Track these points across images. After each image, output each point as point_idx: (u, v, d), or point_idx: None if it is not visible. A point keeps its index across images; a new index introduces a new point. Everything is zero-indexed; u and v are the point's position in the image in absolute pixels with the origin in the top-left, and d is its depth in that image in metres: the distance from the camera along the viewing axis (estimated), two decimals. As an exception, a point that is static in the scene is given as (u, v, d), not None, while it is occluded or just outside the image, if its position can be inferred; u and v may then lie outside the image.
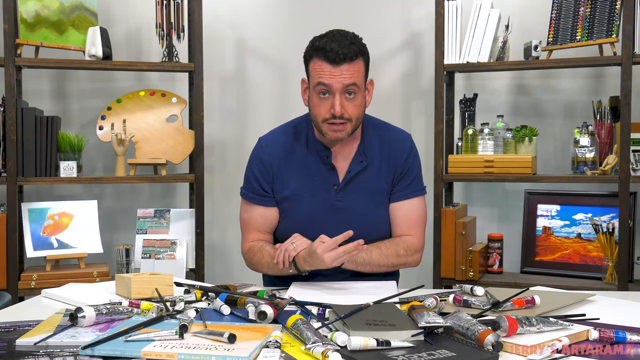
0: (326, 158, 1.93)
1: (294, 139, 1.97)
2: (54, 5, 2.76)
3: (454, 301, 1.52)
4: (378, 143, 1.97)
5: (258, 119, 3.26)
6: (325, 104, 1.83)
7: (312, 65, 1.85)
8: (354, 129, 1.89)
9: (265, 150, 1.98)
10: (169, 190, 3.23)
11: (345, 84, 1.80)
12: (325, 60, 1.80)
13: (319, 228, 1.82)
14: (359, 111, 1.86)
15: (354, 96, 1.83)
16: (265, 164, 1.97)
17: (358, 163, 1.94)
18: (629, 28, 2.57)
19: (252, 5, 3.27)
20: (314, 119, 1.89)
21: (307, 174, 1.94)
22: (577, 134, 2.76)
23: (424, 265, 3.15)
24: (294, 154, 1.96)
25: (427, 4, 2.98)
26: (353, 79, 1.80)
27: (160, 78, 3.17)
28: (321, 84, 1.81)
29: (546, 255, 2.91)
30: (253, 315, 1.42)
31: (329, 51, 1.79)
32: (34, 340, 1.26)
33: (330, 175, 1.93)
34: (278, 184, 1.96)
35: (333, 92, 1.81)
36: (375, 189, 1.95)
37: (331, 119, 1.83)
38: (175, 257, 2.73)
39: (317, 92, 1.83)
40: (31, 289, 2.61)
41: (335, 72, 1.79)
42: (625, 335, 1.27)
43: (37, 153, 2.68)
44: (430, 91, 2.95)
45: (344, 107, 1.81)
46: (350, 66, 1.80)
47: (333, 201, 1.93)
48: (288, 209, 1.96)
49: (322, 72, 1.80)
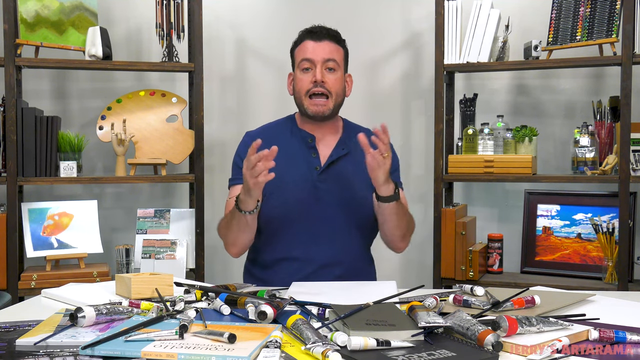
0: (310, 141, 2.07)
1: (279, 131, 2.13)
2: (54, 5, 2.76)
3: (454, 301, 1.52)
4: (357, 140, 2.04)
5: (258, 119, 3.25)
6: (307, 76, 2.02)
7: (298, 49, 2.07)
8: (335, 107, 2.04)
9: (250, 139, 2.08)
10: (169, 190, 3.23)
11: (325, 57, 2.00)
12: (309, 38, 2.04)
13: (301, 207, 1.98)
14: (338, 86, 2.03)
15: (334, 72, 2.02)
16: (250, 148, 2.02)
17: (340, 150, 2.07)
18: (629, 28, 2.57)
19: (252, 5, 3.27)
20: (297, 98, 2.06)
21: (290, 156, 2.03)
22: (577, 134, 2.76)
23: (424, 265, 3.15)
24: (278, 142, 1.97)
25: (427, 4, 2.98)
26: (333, 55, 2.02)
27: (160, 78, 3.17)
28: (305, 59, 2.02)
29: (546, 255, 2.91)
30: (253, 315, 1.42)
31: (311, 30, 2.05)
32: (34, 340, 1.26)
33: (313, 159, 2.05)
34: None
35: (315, 65, 2.00)
36: (356, 175, 2.03)
37: (313, 88, 2.00)
38: (175, 257, 2.73)
39: (301, 69, 2.04)
40: (31, 289, 2.61)
41: (317, 47, 2.02)
42: (625, 335, 1.27)
43: (37, 153, 2.68)
44: (430, 91, 2.95)
45: (324, 78, 2.00)
46: (331, 45, 2.03)
47: (315, 181, 2.02)
48: (271, 188, 1.96)
49: (306, 49, 2.03)
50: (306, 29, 2.08)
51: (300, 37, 2.09)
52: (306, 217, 2.00)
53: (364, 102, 3.17)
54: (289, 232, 2.01)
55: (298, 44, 2.08)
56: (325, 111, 2.02)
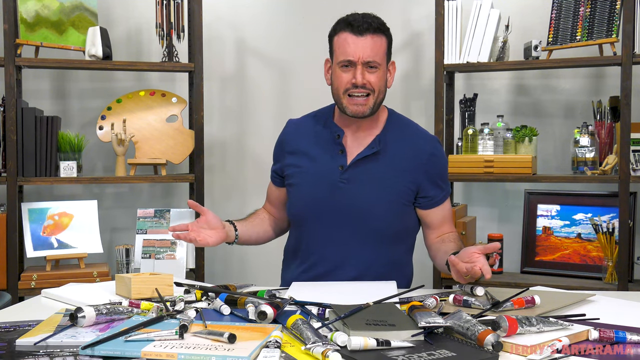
0: (337, 137, 1.93)
1: (315, 122, 2.01)
2: (54, 5, 2.76)
3: (454, 301, 1.52)
4: (400, 138, 1.95)
5: (258, 119, 3.26)
6: (347, 74, 1.86)
7: (336, 40, 1.88)
8: (375, 105, 1.88)
9: (286, 130, 2.05)
10: (169, 190, 3.23)
11: (366, 59, 1.83)
12: (349, 31, 1.85)
13: (320, 209, 1.90)
14: (380, 83, 1.87)
15: (375, 70, 1.86)
16: (283, 144, 2.04)
17: (369, 148, 1.91)
18: (629, 28, 2.57)
19: (252, 5, 3.27)
20: (335, 94, 1.91)
21: (318, 151, 1.95)
22: (577, 134, 2.76)
23: (424, 265, 3.15)
24: (313, 133, 1.99)
25: (427, 4, 2.98)
26: (374, 55, 1.84)
27: (160, 78, 3.17)
28: (345, 57, 1.85)
29: (546, 255, 2.91)
30: (253, 315, 1.42)
31: (352, 21, 1.85)
32: (34, 340, 1.26)
33: (339, 157, 1.92)
34: (289, 159, 2.00)
35: (355, 64, 1.84)
36: (384, 180, 1.90)
37: (352, 88, 1.85)
38: (175, 257, 2.73)
39: (340, 66, 1.87)
40: (31, 289, 2.61)
41: (358, 42, 1.83)
42: (625, 335, 1.27)
43: (37, 153, 2.68)
44: (430, 91, 2.95)
45: (365, 77, 1.84)
46: (373, 39, 1.85)
47: (337, 182, 1.91)
48: (297, 181, 1.97)
49: (346, 43, 1.85)
50: (345, 18, 1.88)
51: (339, 26, 1.89)
52: (321, 217, 1.92)
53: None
54: (306, 229, 1.96)
55: (336, 33, 1.89)
56: (365, 111, 1.87)
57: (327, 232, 1.92)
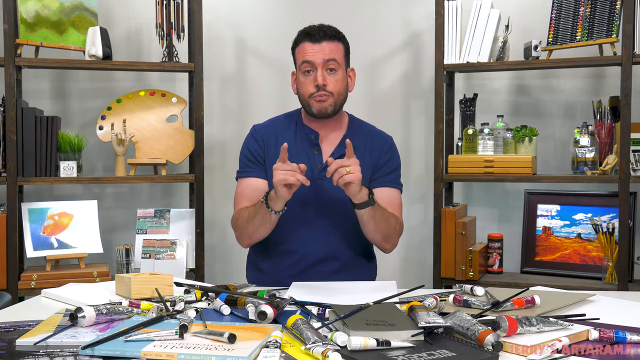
0: (314, 138, 2.09)
1: (285, 126, 2.15)
2: (54, 5, 2.76)
3: (454, 301, 1.51)
4: (362, 137, 2.12)
5: (258, 119, 3.24)
6: (309, 80, 2.03)
7: (297, 50, 2.08)
8: (337, 105, 2.05)
9: (257, 132, 2.16)
10: (169, 190, 3.23)
11: (325, 59, 2.01)
12: (307, 40, 2.04)
13: (300, 203, 1.99)
14: (340, 86, 2.04)
15: (334, 72, 2.03)
16: (258, 141, 2.12)
17: (342, 147, 2.05)
18: (629, 28, 2.57)
19: (252, 5, 3.27)
20: (302, 99, 2.08)
21: (294, 152, 2.04)
22: (577, 134, 2.76)
23: (424, 265, 3.15)
24: (284, 137, 2.10)
25: (427, 4, 2.98)
26: (332, 55, 2.02)
27: (160, 78, 3.17)
28: (305, 62, 2.03)
29: (546, 255, 2.91)
30: (253, 315, 1.42)
31: (309, 31, 2.05)
32: (34, 340, 1.26)
33: (315, 156, 2.08)
34: (268, 159, 2.08)
35: (315, 67, 2.01)
36: None
37: (315, 92, 2.01)
38: (175, 257, 2.73)
39: (302, 72, 2.04)
40: (31, 289, 2.61)
41: (316, 48, 2.02)
42: (625, 335, 1.27)
43: (37, 153, 2.68)
44: (430, 91, 2.95)
45: (325, 80, 2.01)
46: (330, 44, 2.02)
47: (316, 178, 2.03)
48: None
49: (305, 51, 2.03)
50: (304, 30, 2.08)
51: (298, 39, 2.09)
52: (304, 213, 2.03)
53: (364, 102, 3.17)
54: (288, 226, 2.04)
55: (297, 44, 2.09)
56: (328, 107, 2.02)
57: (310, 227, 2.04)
